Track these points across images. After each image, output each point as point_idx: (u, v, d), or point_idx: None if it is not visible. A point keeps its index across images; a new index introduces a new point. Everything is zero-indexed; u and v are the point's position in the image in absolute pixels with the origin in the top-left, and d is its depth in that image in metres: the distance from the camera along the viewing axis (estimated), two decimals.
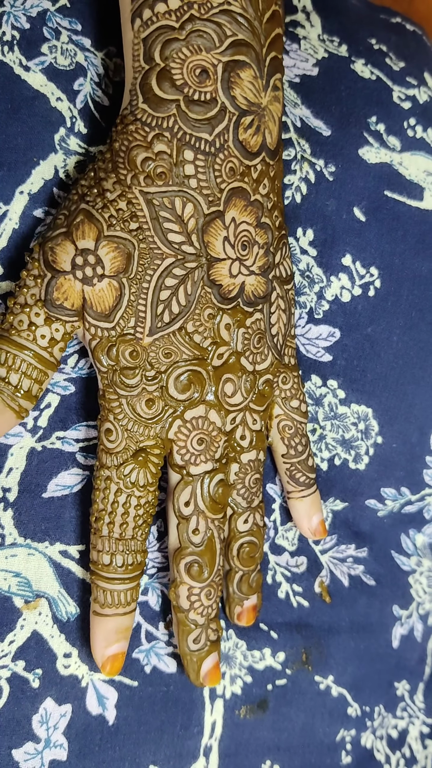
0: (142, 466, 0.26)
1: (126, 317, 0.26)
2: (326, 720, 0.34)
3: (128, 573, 0.26)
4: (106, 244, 0.25)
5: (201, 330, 0.26)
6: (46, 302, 0.25)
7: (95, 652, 0.27)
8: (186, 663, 0.28)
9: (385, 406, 0.34)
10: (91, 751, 0.29)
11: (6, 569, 0.28)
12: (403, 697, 0.37)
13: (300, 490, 0.32)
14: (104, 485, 0.26)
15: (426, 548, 0.37)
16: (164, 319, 0.26)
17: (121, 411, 0.26)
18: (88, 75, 0.29)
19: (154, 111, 0.25)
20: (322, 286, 0.33)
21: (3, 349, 0.25)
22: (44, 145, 0.28)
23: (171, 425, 0.27)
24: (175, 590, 0.28)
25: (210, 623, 0.28)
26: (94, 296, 0.25)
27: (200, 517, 0.27)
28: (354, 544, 0.35)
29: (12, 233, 0.28)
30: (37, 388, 0.26)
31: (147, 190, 0.25)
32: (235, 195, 0.26)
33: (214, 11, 0.25)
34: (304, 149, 0.33)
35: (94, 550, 0.27)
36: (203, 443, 0.27)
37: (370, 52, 0.36)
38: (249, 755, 0.32)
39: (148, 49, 0.25)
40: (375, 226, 0.34)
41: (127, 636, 0.27)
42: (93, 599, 0.27)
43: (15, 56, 0.28)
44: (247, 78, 0.26)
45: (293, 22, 0.35)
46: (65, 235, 0.25)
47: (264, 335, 0.29)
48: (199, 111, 0.25)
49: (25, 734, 0.27)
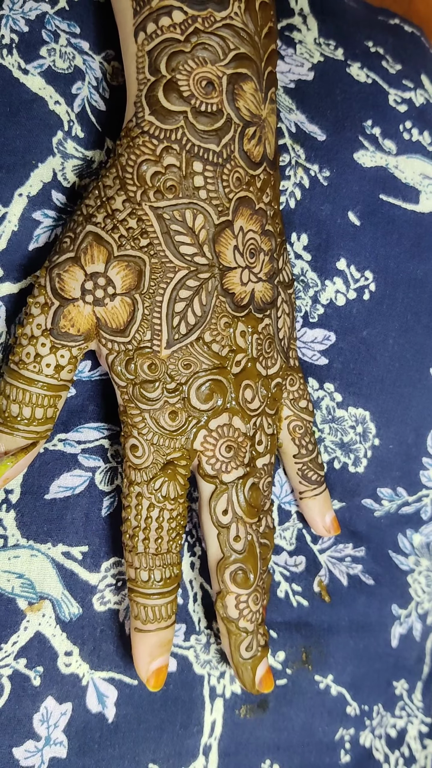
0: (171, 479, 0.26)
1: (141, 331, 0.26)
2: (325, 719, 0.34)
3: (167, 587, 0.26)
4: (116, 264, 0.25)
5: (219, 339, 0.27)
6: (52, 331, 0.25)
7: (140, 668, 0.27)
8: (240, 672, 0.28)
9: (381, 409, 0.35)
10: (91, 749, 0.29)
11: (9, 570, 0.28)
12: (402, 697, 0.37)
13: (313, 488, 0.32)
14: (136, 501, 0.26)
15: (423, 548, 0.37)
16: (181, 330, 0.26)
17: (145, 425, 0.26)
18: (86, 79, 0.30)
19: (161, 123, 0.25)
20: (316, 290, 0.34)
21: (14, 385, 0.25)
22: (42, 148, 0.29)
23: (196, 436, 0.27)
24: (221, 601, 0.28)
25: (259, 628, 0.28)
26: (107, 314, 0.25)
27: (239, 524, 0.27)
28: (351, 543, 0.35)
29: (11, 235, 0.28)
30: (52, 411, 0.26)
31: (157, 204, 0.25)
32: (242, 204, 0.27)
33: (217, 25, 0.25)
34: (298, 154, 0.33)
35: (131, 568, 0.27)
36: (231, 450, 0.27)
37: (366, 55, 0.36)
38: (249, 754, 0.32)
39: (154, 61, 0.25)
40: (370, 229, 0.34)
41: (170, 648, 0.27)
42: (134, 616, 0.27)
43: (14, 59, 0.28)
44: (249, 90, 0.26)
45: (289, 26, 0.35)
46: (73, 261, 0.25)
47: (273, 340, 0.29)
48: (206, 122, 0.25)
49: (26, 732, 0.28)
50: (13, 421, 0.25)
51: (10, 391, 0.26)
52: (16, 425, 0.25)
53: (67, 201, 0.29)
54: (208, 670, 0.31)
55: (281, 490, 0.34)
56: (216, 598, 0.28)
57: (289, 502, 0.34)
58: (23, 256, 0.28)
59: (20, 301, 0.28)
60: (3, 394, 0.26)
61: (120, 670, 0.29)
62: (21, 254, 0.28)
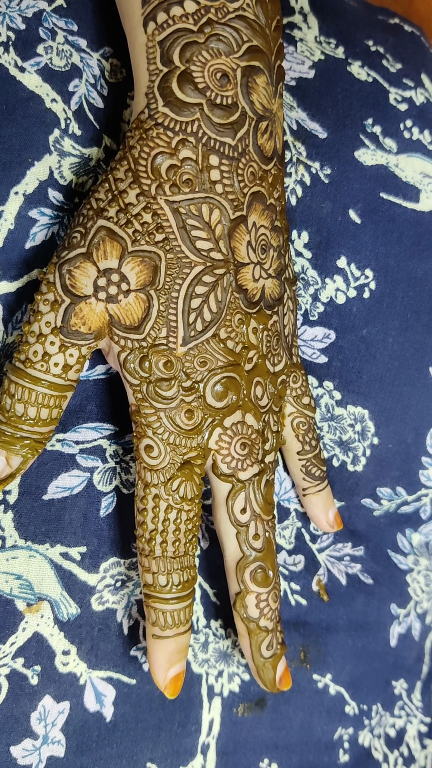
0: (188, 479, 0.26)
1: (157, 327, 0.25)
2: (324, 718, 0.34)
3: (185, 590, 0.26)
4: (130, 259, 0.25)
5: (233, 336, 0.26)
6: (62, 329, 0.25)
7: (158, 676, 0.26)
8: (261, 672, 0.28)
9: (381, 408, 0.35)
10: (89, 748, 0.29)
11: (7, 571, 0.28)
12: (401, 696, 0.37)
13: (316, 484, 0.32)
14: (153, 504, 0.25)
15: (423, 547, 0.37)
16: (197, 327, 0.25)
17: (161, 425, 0.25)
18: (84, 76, 0.29)
19: (177, 115, 0.25)
20: (317, 288, 0.33)
21: (19, 384, 0.25)
22: (39, 146, 0.28)
23: (211, 434, 0.26)
24: (241, 601, 0.27)
25: (277, 626, 0.28)
26: (120, 311, 0.25)
27: (257, 521, 0.27)
28: (350, 543, 0.35)
29: (7, 234, 0.28)
30: (57, 412, 0.26)
31: (173, 199, 0.25)
32: (255, 199, 0.26)
33: (230, 16, 0.25)
34: (299, 152, 0.33)
35: (149, 573, 0.26)
36: (246, 447, 0.27)
37: (366, 53, 0.36)
38: (247, 753, 0.32)
39: (166, 52, 0.25)
40: (370, 228, 0.34)
41: (186, 653, 0.27)
42: (152, 623, 0.26)
43: (10, 57, 0.28)
44: (261, 84, 0.26)
45: (290, 24, 0.35)
46: (84, 256, 0.25)
47: (280, 337, 0.29)
48: (222, 115, 0.25)
49: (24, 731, 0.28)
50: (18, 420, 0.25)
51: (15, 390, 0.25)
52: (21, 425, 0.25)
53: (64, 199, 0.29)
54: (206, 668, 0.32)
55: (280, 487, 0.34)
56: (235, 599, 0.27)
57: (288, 500, 0.34)
58: (20, 255, 0.28)
59: (17, 300, 0.28)
60: (7, 392, 0.25)
61: (118, 669, 0.29)
62: (17, 253, 0.28)
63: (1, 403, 0.25)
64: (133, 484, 0.30)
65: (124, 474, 0.30)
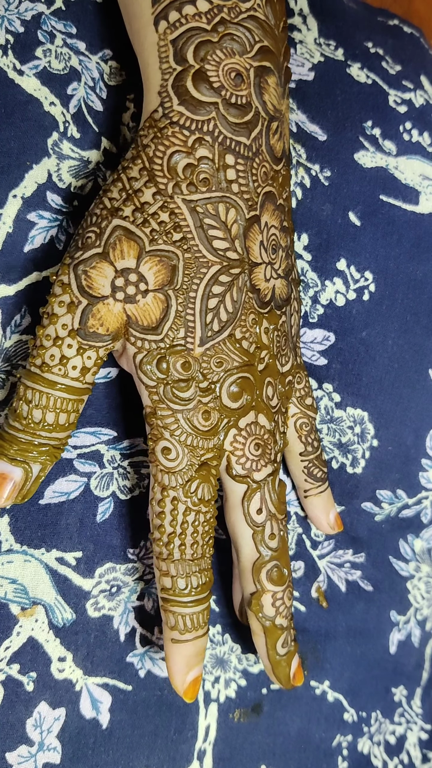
0: (206, 481, 0.25)
1: (175, 328, 0.25)
2: (322, 725, 0.34)
3: (203, 593, 0.26)
4: (148, 259, 0.24)
5: (248, 336, 0.26)
6: (79, 331, 0.24)
7: (176, 680, 0.26)
8: (277, 670, 0.28)
9: (380, 410, 0.34)
10: (85, 755, 0.29)
11: (2, 576, 0.28)
12: (401, 703, 0.36)
13: (317, 485, 0.32)
14: (171, 506, 0.25)
15: (425, 553, 0.37)
16: (214, 327, 0.25)
17: (178, 427, 0.25)
18: (82, 79, 0.29)
19: (192, 114, 0.24)
20: (316, 290, 0.33)
21: (36, 389, 0.24)
22: (37, 150, 0.28)
23: (227, 435, 0.26)
24: (257, 601, 0.27)
25: (290, 623, 0.28)
26: (138, 312, 0.24)
27: (273, 521, 0.27)
28: (351, 549, 0.35)
29: (6, 237, 0.28)
30: (74, 417, 0.25)
31: (190, 197, 0.24)
32: (267, 199, 0.26)
33: (243, 16, 0.25)
34: (299, 154, 0.33)
35: (167, 577, 0.25)
36: (260, 448, 0.27)
37: (366, 55, 0.36)
38: (243, 759, 0.32)
39: (179, 50, 0.25)
40: (370, 230, 0.33)
41: (204, 656, 0.27)
42: (170, 627, 0.26)
43: (9, 60, 0.28)
44: (272, 84, 0.26)
45: (290, 26, 0.35)
46: (101, 256, 0.24)
47: (288, 337, 0.29)
48: (236, 114, 0.25)
49: (19, 737, 0.28)
50: (36, 427, 0.24)
51: (33, 396, 0.24)
52: (39, 431, 0.24)
53: (62, 202, 0.29)
54: (203, 674, 0.31)
55: None
56: (251, 599, 0.27)
57: (288, 503, 0.34)
58: (18, 258, 0.28)
59: (16, 303, 0.28)
60: (24, 399, 0.24)
61: (114, 676, 0.29)
62: (16, 256, 0.28)
63: (18, 410, 0.24)
64: (130, 490, 0.30)
65: (121, 479, 0.30)
